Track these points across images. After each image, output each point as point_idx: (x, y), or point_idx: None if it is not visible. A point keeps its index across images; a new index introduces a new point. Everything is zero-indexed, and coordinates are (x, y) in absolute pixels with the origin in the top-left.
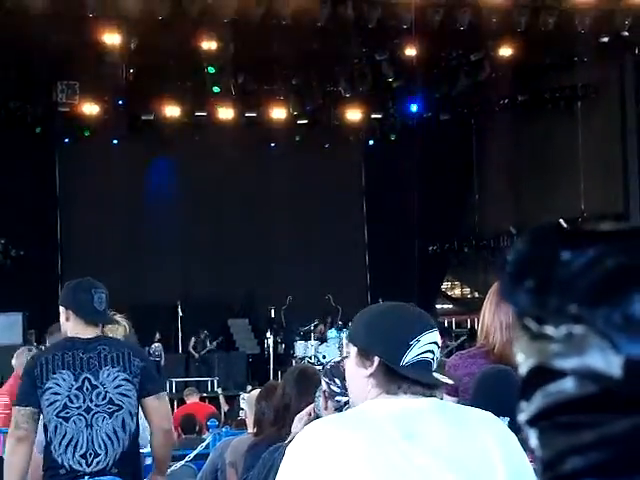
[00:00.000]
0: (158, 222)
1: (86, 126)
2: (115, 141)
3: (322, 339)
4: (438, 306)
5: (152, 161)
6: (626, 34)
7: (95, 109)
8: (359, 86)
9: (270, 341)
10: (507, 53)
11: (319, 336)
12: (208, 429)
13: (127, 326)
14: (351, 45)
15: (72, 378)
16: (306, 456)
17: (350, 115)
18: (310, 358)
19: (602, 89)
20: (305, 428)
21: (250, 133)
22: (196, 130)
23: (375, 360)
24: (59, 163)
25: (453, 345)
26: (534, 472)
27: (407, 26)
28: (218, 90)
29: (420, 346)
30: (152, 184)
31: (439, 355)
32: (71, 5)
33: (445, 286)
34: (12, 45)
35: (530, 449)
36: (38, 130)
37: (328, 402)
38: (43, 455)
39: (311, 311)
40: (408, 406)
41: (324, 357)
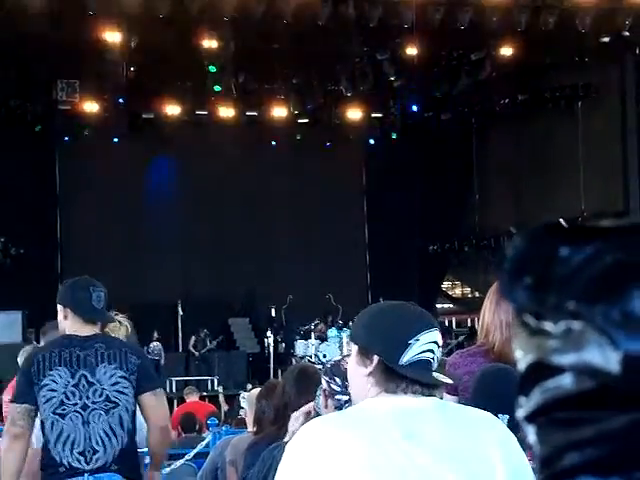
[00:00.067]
0: (158, 221)
1: (86, 124)
2: (115, 139)
3: (322, 338)
4: (438, 305)
5: (152, 160)
6: (627, 34)
7: (95, 107)
8: (360, 85)
9: (270, 340)
10: (508, 52)
11: (319, 335)
12: (208, 428)
13: (129, 326)
14: (352, 44)
15: (69, 375)
16: (305, 454)
17: (351, 114)
18: (310, 357)
19: (603, 89)
20: (304, 426)
21: (251, 132)
22: (197, 129)
23: (374, 359)
24: (59, 161)
25: (453, 344)
26: (533, 471)
27: (408, 25)
28: (219, 89)
29: (419, 345)
30: (152, 183)
31: (440, 354)
32: (71, 3)
33: (445, 285)
34: (12, 43)
35: (528, 446)
36: (38, 128)
37: (328, 401)
38: (41, 454)
39: (311, 310)
40: (408, 405)
41: (324, 356)
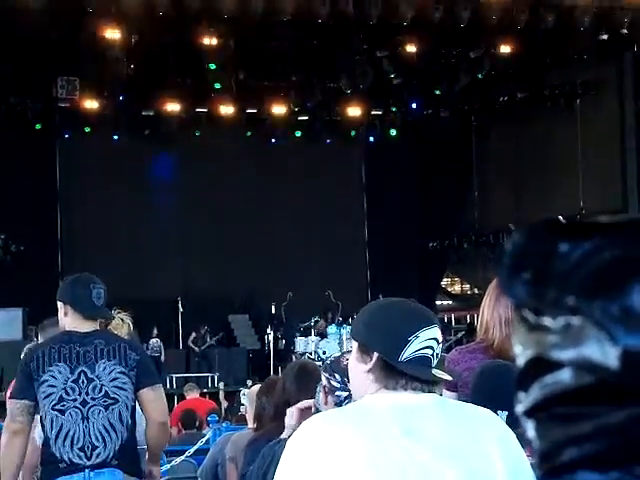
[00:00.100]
0: (159, 217)
1: (86, 122)
2: (115, 137)
3: (322, 335)
4: (438, 302)
5: (152, 157)
6: (625, 32)
7: (95, 105)
8: (360, 83)
9: (270, 337)
10: (507, 50)
11: (319, 332)
12: (208, 424)
13: (130, 324)
14: (352, 41)
15: (68, 371)
16: (306, 451)
17: (351, 111)
18: (310, 354)
19: (601, 87)
20: (304, 423)
21: (251, 129)
22: (197, 126)
23: (374, 356)
24: (59, 159)
25: (452, 340)
26: (532, 467)
27: (407, 23)
28: (219, 86)
29: (419, 342)
30: (152, 180)
31: (440, 351)
32: (71, 1)
33: (445, 282)
34: (12, 41)
35: (527, 441)
36: (38, 126)
37: (328, 397)
38: (41, 449)
39: (311, 307)
40: (408, 402)
41: (324, 353)
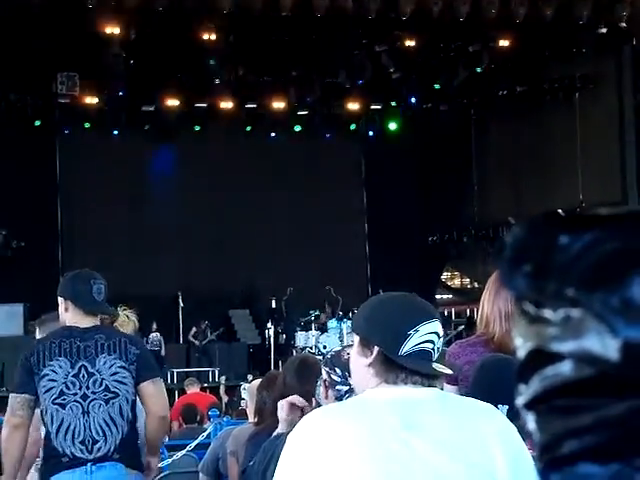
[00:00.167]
0: (159, 213)
1: (86, 117)
2: (115, 132)
3: (323, 329)
4: (438, 296)
5: (152, 152)
6: (624, 25)
7: (95, 100)
8: (359, 77)
9: (271, 331)
10: (506, 44)
11: (320, 326)
12: (209, 419)
13: (136, 321)
14: (351, 36)
15: (69, 365)
16: (306, 445)
17: (350, 106)
18: (311, 348)
19: (600, 80)
20: (305, 417)
21: (250, 124)
22: (196, 121)
23: (375, 350)
24: (59, 154)
25: (452, 335)
26: (533, 459)
27: (406, 17)
28: (218, 81)
29: (419, 336)
30: (152, 175)
31: (441, 345)
32: None
33: (445, 276)
34: (12, 37)
35: (528, 434)
36: (38, 122)
37: (329, 391)
38: (42, 444)
39: (312, 301)
40: (408, 396)
41: (325, 347)
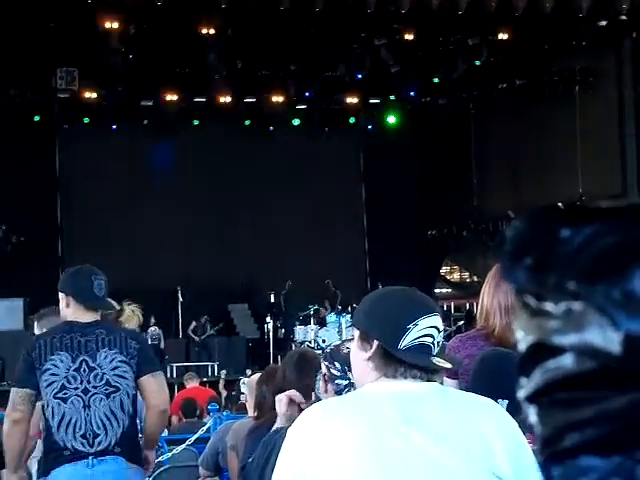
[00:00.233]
0: (158, 207)
1: (85, 112)
2: (114, 127)
3: (322, 323)
4: (437, 290)
5: (151, 146)
6: (624, 18)
7: (94, 95)
8: (358, 71)
9: (270, 326)
10: (505, 37)
11: (319, 320)
12: (209, 413)
13: (140, 316)
14: (350, 30)
15: (70, 360)
16: (306, 439)
17: (349, 100)
18: (310, 342)
19: (600, 73)
20: (305, 411)
21: (249, 118)
22: (195, 115)
23: (374, 344)
24: (59, 149)
25: (452, 329)
26: (534, 453)
27: (405, 11)
28: (217, 76)
29: (418, 330)
30: (152, 169)
31: (441, 339)
32: None
33: (444, 270)
34: (11, 32)
35: (529, 428)
36: (37, 117)
37: (328, 385)
38: (43, 438)
39: (311, 296)
40: (407, 390)
41: (324, 341)
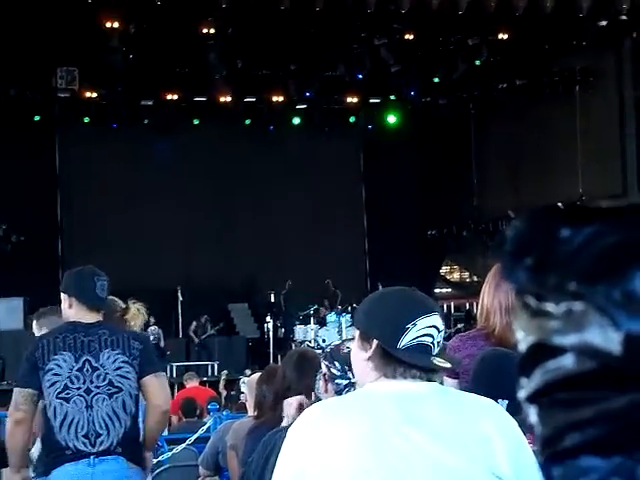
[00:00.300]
0: (158, 206)
1: (86, 112)
2: (114, 126)
3: (322, 323)
4: (437, 290)
5: (152, 146)
6: (624, 18)
7: (94, 95)
8: (358, 71)
9: (270, 325)
10: (505, 37)
11: (319, 320)
12: (209, 412)
13: (145, 314)
14: (350, 30)
15: (73, 360)
16: (306, 439)
17: (349, 100)
18: (310, 342)
19: (600, 73)
20: (305, 411)
21: (249, 118)
22: (195, 115)
23: (374, 343)
24: (59, 149)
25: (452, 331)
26: (534, 453)
27: (405, 10)
28: (217, 75)
29: (417, 330)
30: (152, 169)
31: (441, 339)
32: None
33: (444, 270)
34: (11, 31)
35: (529, 428)
36: (37, 117)
37: (328, 385)
38: (45, 438)
39: (311, 295)
40: (407, 389)
41: (324, 341)
